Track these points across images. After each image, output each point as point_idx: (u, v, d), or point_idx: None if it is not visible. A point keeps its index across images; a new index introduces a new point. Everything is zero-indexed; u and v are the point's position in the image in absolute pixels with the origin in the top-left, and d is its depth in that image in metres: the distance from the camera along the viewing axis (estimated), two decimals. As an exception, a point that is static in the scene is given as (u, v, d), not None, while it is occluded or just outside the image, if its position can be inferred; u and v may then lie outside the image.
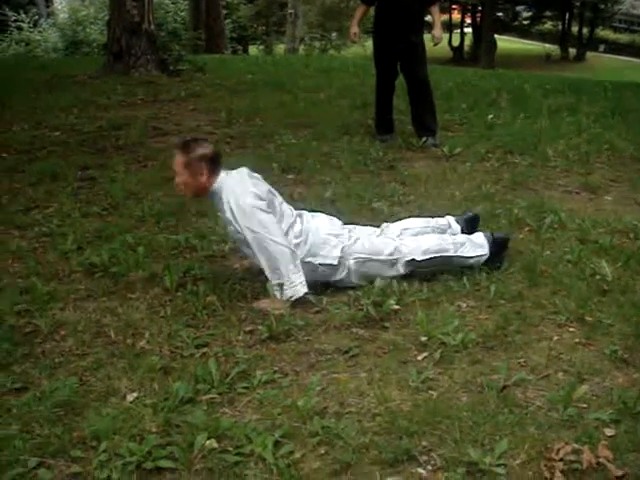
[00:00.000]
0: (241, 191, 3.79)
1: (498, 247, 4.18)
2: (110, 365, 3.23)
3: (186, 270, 4.18)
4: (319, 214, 4.22)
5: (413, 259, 4.02)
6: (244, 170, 3.99)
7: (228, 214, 3.82)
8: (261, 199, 3.78)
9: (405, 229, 4.29)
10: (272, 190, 3.99)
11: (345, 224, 4.23)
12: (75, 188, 5.81)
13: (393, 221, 4.46)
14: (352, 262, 3.95)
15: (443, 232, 4.34)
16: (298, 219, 4.00)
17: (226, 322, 3.60)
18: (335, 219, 4.21)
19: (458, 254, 4.10)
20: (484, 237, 4.20)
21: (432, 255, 4.05)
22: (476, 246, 4.15)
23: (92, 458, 2.58)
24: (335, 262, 3.93)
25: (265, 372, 3.12)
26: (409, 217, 4.56)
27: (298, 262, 3.78)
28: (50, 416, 2.82)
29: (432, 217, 4.50)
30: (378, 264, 3.99)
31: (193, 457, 2.58)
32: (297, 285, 3.74)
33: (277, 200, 3.97)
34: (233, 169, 4.00)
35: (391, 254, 4.01)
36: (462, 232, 4.36)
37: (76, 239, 4.67)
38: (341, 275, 3.96)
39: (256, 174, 4.04)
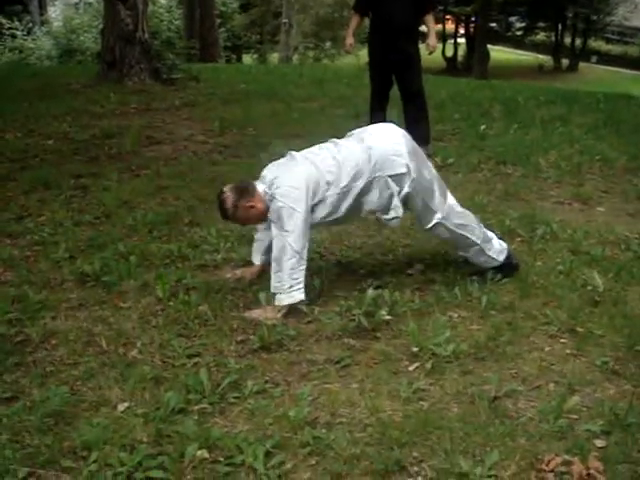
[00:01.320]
0: (281, 191, 3.80)
1: (507, 268, 4.20)
2: (101, 375, 3.22)
3: (178, 279, 4.17)
4: (375, 127, 4.22)
5: (447, 220, 4.03)
6: (272, 168, 4.02)
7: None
8: (302, 192, 3.78)
9: None
10: (313, 151, 4.05)
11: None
12: (68, 197, 5.80)
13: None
14: (414, 178, 3.91)
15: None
16: (347, 144, 4.02)
17: (218, 332, 3.60)
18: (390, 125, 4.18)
19: (481, 246, 4.12)
20: (507, 246, 4.23)
21: (462, 232, 4.08)
22: (498, 249, 4.18)
23: (82, 468, 2.58)
24: (404, 169, 3.88)
25: (256, 382, 3.11)
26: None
27: (302, 268, 3.78)
28: (40, 426, 2.81)
29: None
30: (423, 204, 4.00)
31: (184, 467, 2.57)
32: (294, 291, 3.75)
33: (320, 155, 3.98)
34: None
35: (439, 197, 4.03)
36: None
37: (68, 248, 4.66)
38: (405, 189, 3.91)
39: (288, 155, 4.07)
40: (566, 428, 2.78)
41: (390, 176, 3.88)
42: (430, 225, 4.05)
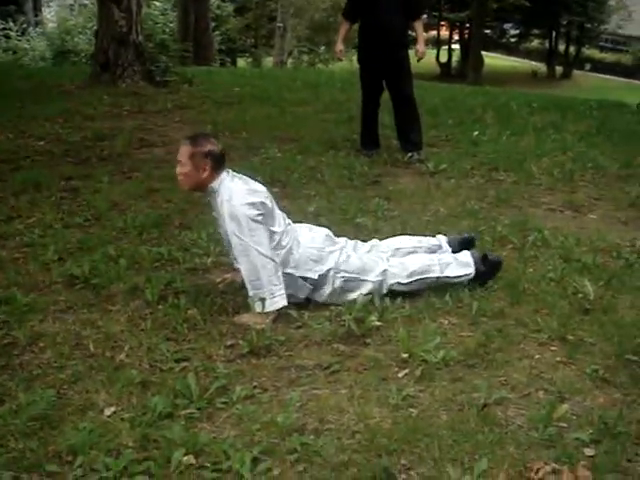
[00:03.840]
0: (237, 197, 3.76)
1: (489, 268, 4.17)
2: (88, 378, 3.19)
3: (167, 283, 4.14)
4: (311, 227, 4.21)
5: (398, 282, 4.02)
6: (245, 177, 3.97)
7: (220, 214, 3.82)
8: (256, 209, 3.75)
9: (397, 249, 4.28)
10: (270, 199, 3.95)
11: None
12: (58, 198, 5.76)
13: (383, 238, 4.45)
14: (339, 280, 3.94)
15: (433, 252, 4.32)
16: (289, 228, 4.00)
17: (206, 336, 3.58)
18: (325, 232, 4.16)
19: (444, 274, 4.09)
20: (470, 256, 4.19)
21: (417, 277, 4.05)
22: (462, 265, 4.14)
23: (67, 473, 2.56)
24: (315, 276, 3.91)
25: (245, 387, 3.10)
26: (400, 235, 4.54)
27: (280, 274, 3.77)
28: (25, 430, 2.78)
29: (424, 236, 4.49)
30: (363, 284, 3.99)
31: (170, 473, 2.55)
32: (276, 297, 3.73)
33: (274, 209, 3.94)
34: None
35: (378, 276, 4.00)
36: (453, 252, 4.33)
37: (57, 250, 4.62)
38: (325, 292, 3.95)
39: (255, 181, 4.03)
40: (555, 436, 2.77)
41: (301, 276, 3.92)
42: (385, 291, 4.03)
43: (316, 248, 3.98)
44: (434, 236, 4.50)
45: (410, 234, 4.59)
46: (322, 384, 3.17)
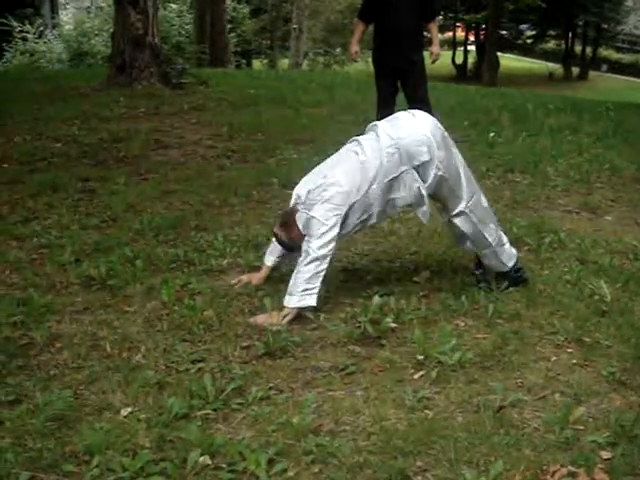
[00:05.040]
0: (318, 211, 3.82)
1: (515, 277, 4.18)
2: (105, 379, 3.21)
3: (183, 284, 4.16)
4: (399, 117, 4.20)
5: (471, 219, 4.03)
6: (305, 185, 4.02)
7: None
8: (337, 209, 3.81)
9: None
10: (340, 159, 4.04)
11: None
12: (75, 200, 5.80)
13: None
14: (439, 169, 3.89)
15: None
16: (376, 135, 4.00)
17: (222, 337, 3.58)
18: (432, 120, 4.08)
19: (495, 249, 4.11)
20: (517, 253, 4.24)
21: (483, 230, 4.06)
22: (509, 254, 4.17)
23: (84, 473, 2.56)
24: (427, 158, 3.85)
25: (260, 388, 3.10)
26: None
27: (321, 275, 3.79)
28: (43, 429, 2.80)
29: None
30: (453, 198, 4.01)
31: (186, 473, 2.55)
32: (306, 296, 3.74)
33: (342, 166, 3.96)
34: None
35: (466, 187, 4.02)
36: None
37: (74, 251, 4.65)
38: (431, 177, 3.89)
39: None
40: (572, 439, 2.75)
41: (415, 167, 3.88)
42: (454, 212, 4.03)
43: (420, 133, 3.92)
44: None
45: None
46: (338, 386, 3.17)
